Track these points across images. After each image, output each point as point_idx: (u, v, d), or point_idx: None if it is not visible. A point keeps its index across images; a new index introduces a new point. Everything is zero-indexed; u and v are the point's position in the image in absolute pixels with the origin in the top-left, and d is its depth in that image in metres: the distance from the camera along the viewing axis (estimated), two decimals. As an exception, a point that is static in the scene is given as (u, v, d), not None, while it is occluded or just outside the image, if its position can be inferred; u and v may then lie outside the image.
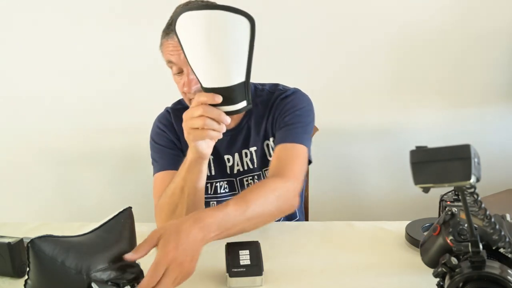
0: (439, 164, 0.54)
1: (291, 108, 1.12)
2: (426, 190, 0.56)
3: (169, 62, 1.05)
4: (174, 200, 1.00)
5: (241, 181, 1.19)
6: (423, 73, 1.96)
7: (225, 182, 1.19)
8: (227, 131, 1.15)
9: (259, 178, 1.18)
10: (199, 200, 1.01)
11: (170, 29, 1.03)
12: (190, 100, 1.07)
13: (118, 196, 2.04)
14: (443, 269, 0.61)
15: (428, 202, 1.15)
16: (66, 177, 2.05)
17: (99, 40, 1.91)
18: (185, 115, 0.89)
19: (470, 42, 1.92)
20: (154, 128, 1.23)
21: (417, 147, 0.56)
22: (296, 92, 1.17)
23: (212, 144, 0.95)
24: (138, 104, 1.97)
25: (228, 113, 0.87)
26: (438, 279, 0.63)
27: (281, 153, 1.06)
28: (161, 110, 1.27)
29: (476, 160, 0.53)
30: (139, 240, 0.75)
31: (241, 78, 0.84)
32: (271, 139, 1.16)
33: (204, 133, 0.88)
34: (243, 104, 0.86)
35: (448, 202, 1.00)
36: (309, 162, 1.13)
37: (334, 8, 1.89)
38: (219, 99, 0.84)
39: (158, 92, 1.96)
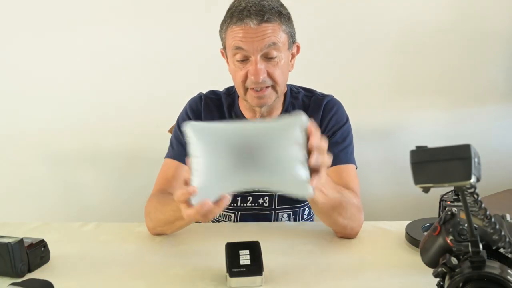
0: (439, 164, 0.54)
1: (339, 122, 1.16)
2: (426, 190, 0.56)
3: (237, 48, 1.02)
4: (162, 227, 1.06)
5: None
6: (423, 73, 1.96)
7: None
8: None
9: None
10: None
11: (244, 14, 0.99)
12: (246, 90, 1.07)
13: (119, 196, 2.04)
14: (443, 269, 0.61)
15: (428, 202, 1.15)
16: (66, 177, 2.05)
17: (101, 40, 1.91)
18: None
19: (470, 42, 1.92)
20: (183, 111, 1.20)
21: (417, 147, 0.56)
22: (336, 102, 1.20)
23: None
24: (140, 104, 1.97)
25: None
26: (438, 279, 0.63)
27: (342, 174, 1.09)
28: (162, 110, 1.26)
29: (476, 160, 0.53)
30: (137, 240, 0.73)
31: None
32: None
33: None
34: None
35: (448, 202, 0.99)
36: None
37: (334, 8, 1.89)
38: None
39: (159, 92, 1.96)
